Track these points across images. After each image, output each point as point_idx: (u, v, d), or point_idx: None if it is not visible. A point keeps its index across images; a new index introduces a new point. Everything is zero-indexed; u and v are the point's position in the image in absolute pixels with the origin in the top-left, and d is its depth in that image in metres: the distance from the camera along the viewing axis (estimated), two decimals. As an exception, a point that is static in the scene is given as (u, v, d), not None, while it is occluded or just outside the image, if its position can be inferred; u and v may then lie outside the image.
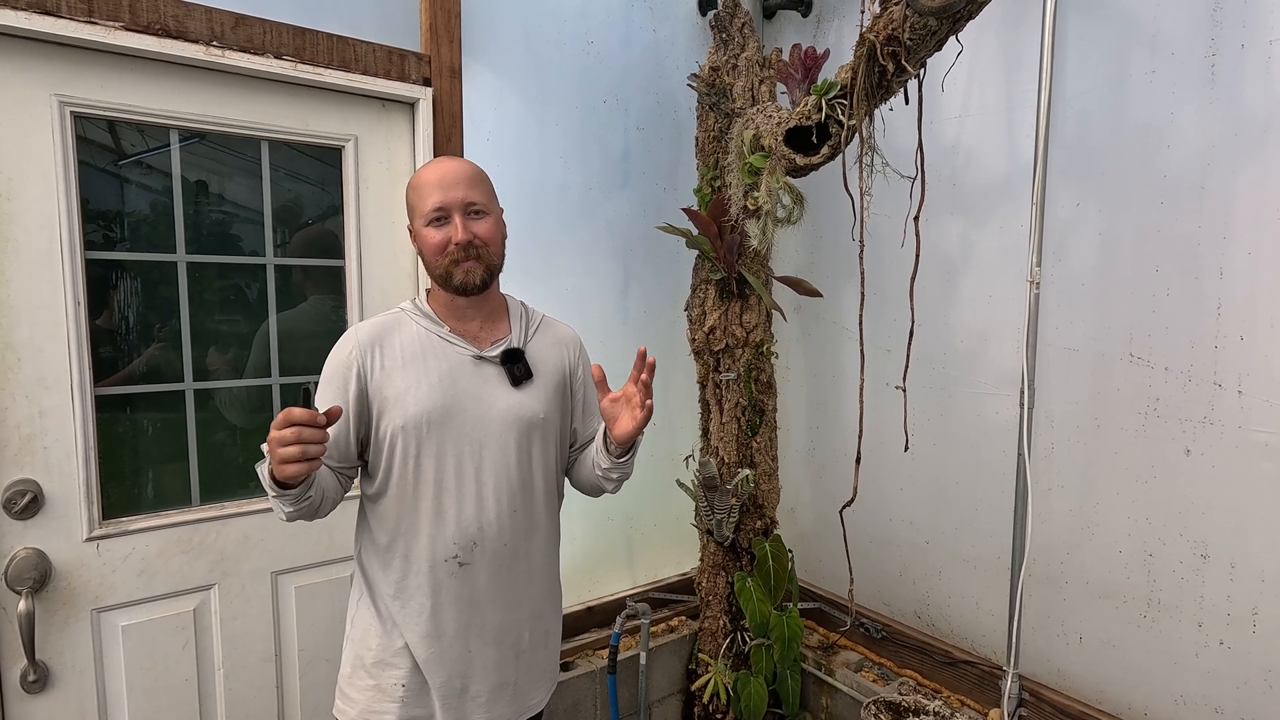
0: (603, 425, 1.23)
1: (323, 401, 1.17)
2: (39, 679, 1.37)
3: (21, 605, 1.31)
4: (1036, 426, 1.69)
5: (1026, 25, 1.68)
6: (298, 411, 0.95)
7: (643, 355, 1.11)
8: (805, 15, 2.24)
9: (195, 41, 1.43)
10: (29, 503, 1.35)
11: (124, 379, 1.46)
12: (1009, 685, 1.69)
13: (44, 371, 1.36)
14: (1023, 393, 1.64)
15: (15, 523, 1.35)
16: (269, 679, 1.62)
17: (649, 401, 1.11)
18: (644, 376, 1.10)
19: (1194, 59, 1.43)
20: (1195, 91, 1.43)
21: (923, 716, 1.79)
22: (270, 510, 1.58)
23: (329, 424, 0.98)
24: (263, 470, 1.05)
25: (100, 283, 1.43)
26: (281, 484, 1.01)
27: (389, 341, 1.19)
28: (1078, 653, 1.67)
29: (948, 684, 1.91)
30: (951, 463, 1.92)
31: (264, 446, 1.04)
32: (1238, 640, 1.42)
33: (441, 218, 1.16)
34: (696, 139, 2.04)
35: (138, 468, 1.49)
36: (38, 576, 1.35)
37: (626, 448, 1.19)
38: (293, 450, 0.94)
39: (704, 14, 2.24)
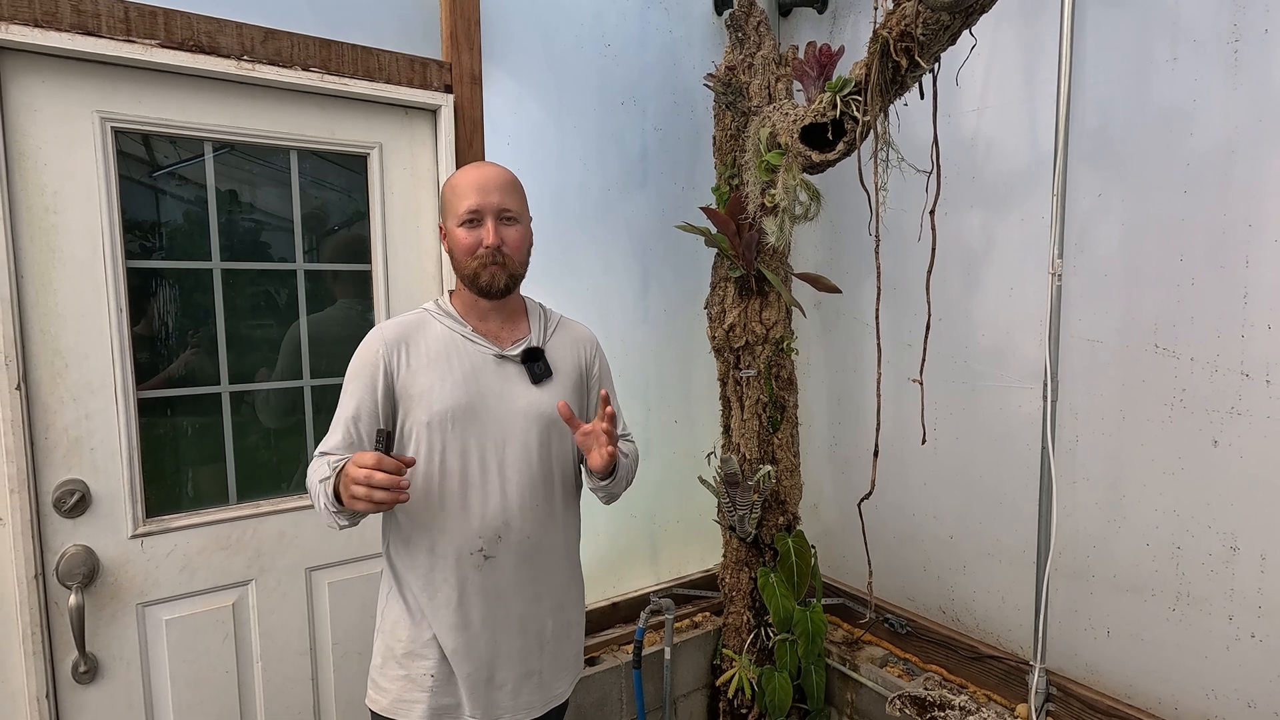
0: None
1: (352, 397, 1.21)
2: (89, 670, 1.43)
3: (72, 599, 1.38)
4: (1061, 419, 1.68)
5: (1045, 15, 1.67)
6: (389, 460, 1.01)
7: (604, 400, 1.17)
8: (821, 12, 2.25)
9: (227, 56, 1.48)
10: (77, 501, 1.41)
11: (163, 382, 1.52)
12: (1036, 680, 1.68)
13: (89, 376, 1.42)
14: (1046, 385, 1.63)
15: (65, 521, 1.41)
16: (305, 671, 1.67)
17: (609, 449, 1.16)
18: (604, 425, 1.16)
19: (1217, 45, 1.41)
20: (1218, 78, 1.41)
21: (949, 711, 1.78)
22: (302, 508, 1.64)
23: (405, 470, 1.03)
24: (326, 486, 1.11)
25: (139, 290, 1.49)
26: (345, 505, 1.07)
27: (414, 340, 1.22)
28: (1106, 647, 1.66)
29: (974, 679, 1.91)
30: (975, 456, 1.91)
31: (327, 463, 1.12)
32: (1270, 633, 1.40)
33: (474, 220, 1.20)
34: (714, 138, 2.06)
35: (177, 468, 1.55)
36: (86, 572, 1.42)
37: (605, 474, 1.23)
38: (366, 492, 1.00)
39: (719, 13, 2.26)
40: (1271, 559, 1.39)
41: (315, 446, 1.69)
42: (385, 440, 1.02)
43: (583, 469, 1.32)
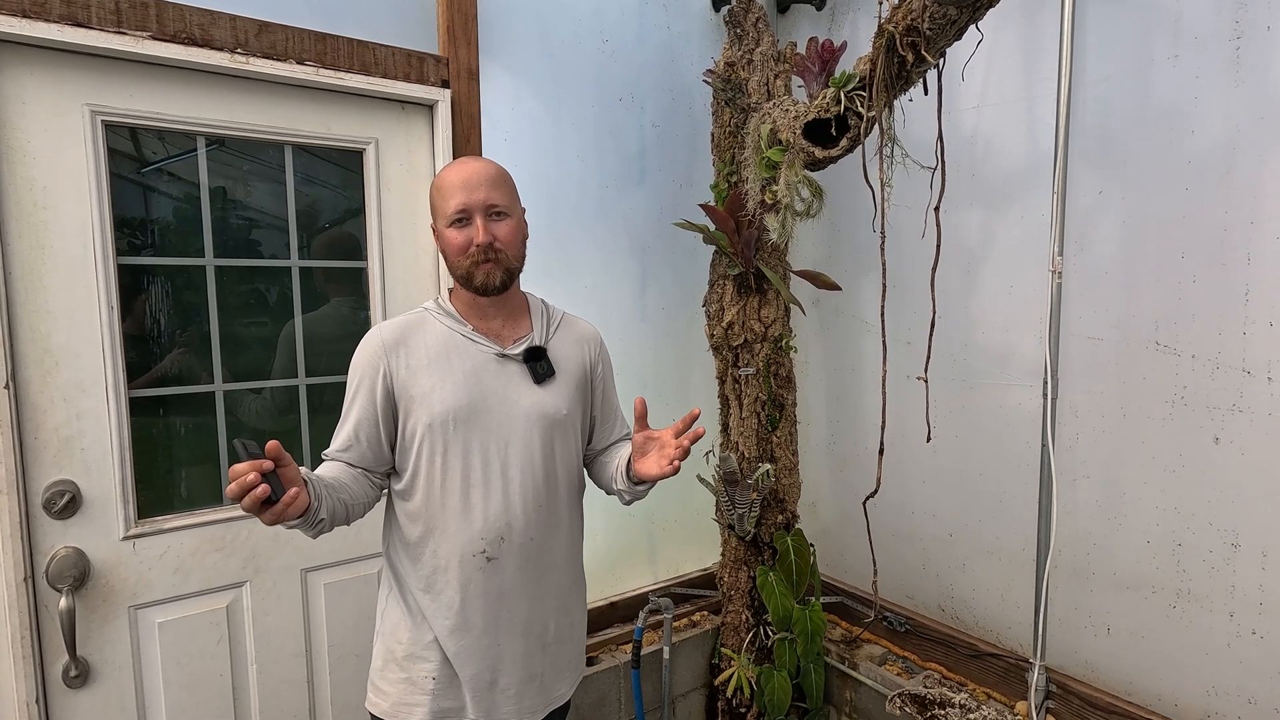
0: (627, 450, 1.26)
1: (353, 402, 1.19)
2: (80, 674, 1.40)
3: (63, 603, 1.35)
4: (1061, 417, 1.68)
5: (1045, 12, 1.67)
6: (239, 467, 0.92)
7: (694, 418, 1.13)
8: (819, 8, 2.24)
9: (220, 49, 1.45)
10: (68, 503, 1.38)
11: (155, 381, 1.49)
12: (1036, 677, 1.68)
13: (80, 375, 1.39)
14: (1046, 383, 1.62)
15: (55, 522, 1.38)
16: (300, 674, 1.65)
17: (679, 463, 1.12)
18: (685, 441, 1.12)
19: (1218, 42, 1.41)
20: (1220, 76, 1.41)
21: (949, 709, 1.78)
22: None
23: (270, 464, 0.95)
24: None
25: (131, 288, 1.46)
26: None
27: (413, 340, 1.20)
28: (1106, 644, 1.66)
29: (973, 677, 1.91)
30: (974, 455, 1.91)
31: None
32: (1271, 629, 1.40)
33: (463, 219, 1.17)
34: (712, 135, 2.05)
35: (170, 468, 1.52)
36: (77, 575, 1.39)
37: (645, 481, 1.21)
38: (246, 502, 0.92)
39: (717, 9, 2.24)
40: (1273, 556, 1.39)
41: (312, 446, 1.68)
42: (242, 449, 0.95)
43: (619, 471, 1.27)
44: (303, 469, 1.05)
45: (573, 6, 1.98)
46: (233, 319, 1.57)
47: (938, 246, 1.31)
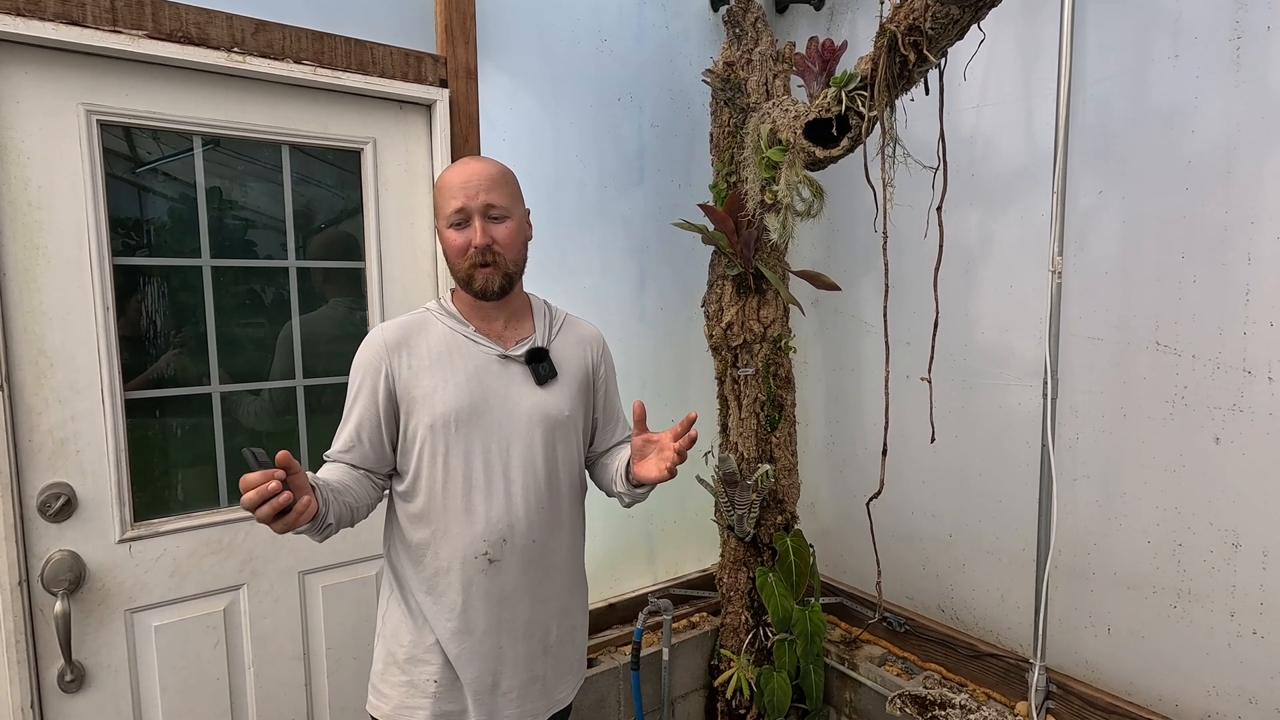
0: (626, 452, 1.25)
1: (355, 403, 1.18)
2: (76, 678, 1.39)
3: (58, 606, 1.34)
4: (1061, 417, 1.67)
5: (1045, 12, 1.67)
6: (252, 476, 0.93)
7: (690, 422, 1.12)
8: (818, 8, 2.23)
9: (217, 48, 1.44)
10: (63, 505, 1.37)
11: (151, 383, 1.48)
12: (1036, 678, 1.67)
13: (75, 376, 1.38)
14: (1045, 383, 1.62)
15: (50, 525, 1.37)
16: (298, 677, 1.64)
17: (675, 467, 1.11)
18: (680, 444, 1.11)
19: (1218, 42, 1.41)
20: (1220, 75, 1.41)
21: (950, 710, 1.78)
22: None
23: (283, 473, 0.94)
24: None
25: (126, 289, 1.44)
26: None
27: (415, 341, 1.20)
28: (1106, 644, 1.66)
29: (973, 677, 1.90)
30: (974, 455, 1.91)
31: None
32: (1272, 629, 1.40)
33: (461, 221, 1.17)
34: (711, 135, 2.04)
35: (167, 470, 1.51)
36: (73, 578, 1.38)
37: (644, 484, 1.20)
38: (264, 511, 0.92)
39: (716, 9, 2.24)
40: (1273, 555, 1.39)
41: (310, 447, 1.66)
42: (252, 459, 0.95)
43: (619, 474, 1.27)
44: (308, 474, 1.04)
45: (571, 6, 1.97)
46: (229, 320, 1.56)
47: (940, 246, 1.30)
